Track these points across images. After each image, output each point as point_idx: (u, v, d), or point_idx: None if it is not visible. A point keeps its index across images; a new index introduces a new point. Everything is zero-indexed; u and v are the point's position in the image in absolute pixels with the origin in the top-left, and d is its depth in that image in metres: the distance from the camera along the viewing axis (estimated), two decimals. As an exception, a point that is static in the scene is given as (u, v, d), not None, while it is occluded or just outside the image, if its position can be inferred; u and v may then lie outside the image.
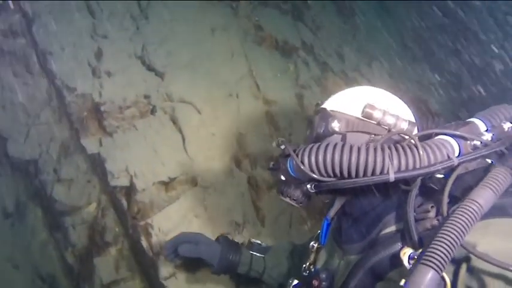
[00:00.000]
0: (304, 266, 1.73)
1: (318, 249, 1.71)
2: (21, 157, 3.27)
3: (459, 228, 1.01)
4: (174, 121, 3.31)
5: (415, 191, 1.21)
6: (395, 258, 1.18)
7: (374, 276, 1.28)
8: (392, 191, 1.34)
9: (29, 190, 3.38)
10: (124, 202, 2.90)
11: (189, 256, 1.97)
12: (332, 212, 1.55)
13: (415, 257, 1.09)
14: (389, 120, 1.32)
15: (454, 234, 1.00)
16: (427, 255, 1.01)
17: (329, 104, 1.49)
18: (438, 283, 0.99)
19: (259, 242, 2.27)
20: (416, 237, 1.14)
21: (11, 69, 3.43)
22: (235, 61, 3.82)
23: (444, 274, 1.01)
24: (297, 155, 1.31)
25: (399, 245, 1.21)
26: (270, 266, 2.13)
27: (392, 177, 1.15)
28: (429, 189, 1.23)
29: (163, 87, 3.38)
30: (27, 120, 3.35)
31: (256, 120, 3.68)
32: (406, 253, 1.12)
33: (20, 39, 3.50)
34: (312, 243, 1.74)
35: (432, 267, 0.98)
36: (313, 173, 1.26)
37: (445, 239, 1.00)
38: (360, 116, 1.38)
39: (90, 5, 3.56)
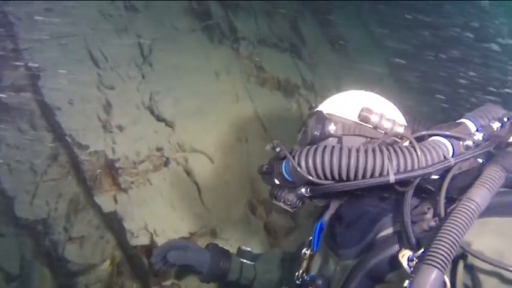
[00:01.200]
0: (296, 274, 1.67)
1: (311, 257, 1.67)
2: (28, 217, 3.13)
3: (459, 227, 1.02)
4: (188, 172, 3.28)
5: (411, 192, 1.21)
6: (394, 261, 1.18)
7: (373, 279, 1.28)
8: (388, 193, 1.33)
9: (36, 250, 3.25)
10: (145, 260, 2.83)
11: (178, 263, 1.89)
12: (327, 216, 1.52)
13: (414, 258, 1.09)
14: (386, 124, 1.33)
15: (455, 233, 1.01)
16: (430, 255, 1.01)
17: (324, 107, 1.48)
18: (442, 282, 1.00)
19: (249, 249, 2.19)
20: (414, 239, 1.15)
21: (16, 125, 3.32)
22: (241, 104, 3.85)
23: None
24: (293, 158, 1.27)
25: (397, 247, 1.20)
26: (260, 273, 2.07)
27: (392, 178, 1.14)
28: (424, 190, 1.24)
29: (174, 137, 3.35)
30: (34, 178, 3.23)
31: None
32: (404, 255, 1.12)
33: (24, 93, 3.41)
34: (304, 250, 1.68)
35: (436, 267, 0.99)
36: (311, 175, 1.22)
37: (447, 238, 1.01)
38: (356, 119, 1.38)
39: (94, 55, 3.51)
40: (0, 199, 3.27)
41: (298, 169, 1.23)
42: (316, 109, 1.50)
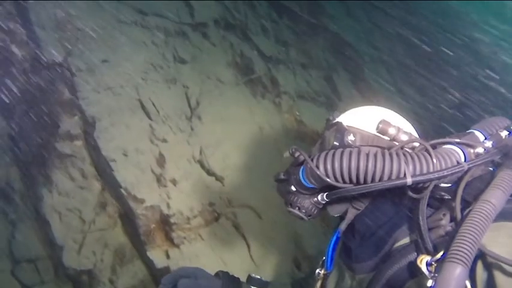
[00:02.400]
0: None
1: (325, 276, 1.62)
2: (75, 267, 3.10)
3: (478, 226, 1.03)
4: (236, 227, 3.28)
5: (426, 198, 1.21)
6: (412, 268, 1.17)
7: None
8: (402, 202, 1.33)
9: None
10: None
11: None
12: (343, 225, 1.46)
13: (433, 263, 1.08)
14: (403, 137, 1.33)
15: (475, 232, 1.02)
16: (452, 253, 1.00)
17: (343, 119, 1.49)
18: (466, 279, 0.98)
19: (259, 276, 2.14)
20: (430, 244, 1.14)
21: (67, 173, 3.35)
22: (284, 160, 3.90)
23: None
24: (312, 161, 1.26)
25: (414, 254, 1.19)
26: None
27: (410, 180, 1.14)
28: (437, 200, 1.24)
29: (224, 192, 3.38)
30: (82, 227, 3.22)
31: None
32: (423, 260, 1.10)
33: (77, 141, 3.46)
34: (317, 270, 1.63)
35: (459, 263, 0.98)
36: (328, 177, 1.21)
37: (468, 236, 1.02)
38: (374, 131, 1.38)
39: (145, 106, 3.59)
40: (48, 247, 3.26)
41: (316, 171, 1.22)
42: (336, 120, 1.51)
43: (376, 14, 5.80)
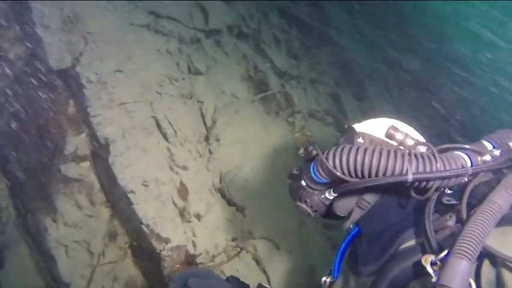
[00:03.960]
0: None
1: (331, 284, 1.65)
2: (82, 308, 2.82)
3: (483, 223, 1.05)
4: (257, 261, 3.13)
5: (433, 200, 1.25)
6: (417, 268, 1.19)
7: None
8: (409, 207, 1.38)
9: None
10: None
11: None
12: (348, 223, 1.51)
13: (438, 262, 1.10)
14: (410, 142, 1.38)
15: (480, 229, 1.04)
16: (457, 248, 1.03)
17: (357, 126, 1.55)
18: (470, 275, 1.01)
19: (268, 286, 2.19)
20: (435, 244, 1.17)
21: (74, 200, 2.98)
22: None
23: None
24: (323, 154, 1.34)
25: (419, 255, 1.21)
26: None
27: (410, 177, 1.19)
28: (444, 206, 1.28)
29: (245, 224, 3.21)
30: (90, 261, 2.91)
31: (322, 248, 3.65)
32: (428, 259, 1.13)
33: (84, 163, 3.08)
34: (324, 278, 1.66)
35: (464, 258, 1.00)
36: (336, 170, 1.28)
37: (473, 233, 1.04)
38: (383, 137, 1.45)
39: (161, 125, 3.27)
40: (50, 281, 2.91)
41: (326, 163, 1.28)
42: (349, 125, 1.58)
43: (378, 29, 5.76)
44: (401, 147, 1.38)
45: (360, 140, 1.43)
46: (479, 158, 1.28)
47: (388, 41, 5.67)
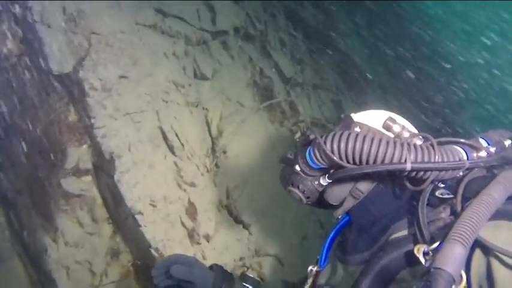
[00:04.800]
0: None
1: (317, 273, 1.64)
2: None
3: (478, 213, 1.05)
4: (262, 278, 3.11)
5: (427, 191, 1.25)
6: (407, 258, 1.20)
7: (384, 279, 1.28)
8: (402, 198, 1.37)
9: None
10: None
11: (182, 278, 1.79)
12: (340, 212, 1.49)
13: (430, 252, 1.09)
14: (406, 135, 1.38)
15: (476, 217, 1.04)
16: (453, 233, 1.03)
17: (354, 116, 1.52)
18: (464, 259, 1.01)
19: (252, 275, 2.09)
20: (428, 234, 1.17)
21: (75, 217, 2.80)
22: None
23: None
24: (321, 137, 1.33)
25: (411, 245, 1.21)
26: None
27: (409, 166, 1.19)
28: (438, 199, 1.28)
29: (252, 242, 3.16)
30: (92, 281, 2.77)
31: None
32: (420, 249, 1.12)
33: (85, 177, 2.88)
34: (310, 267, 1.65)
35: (459, 243, 1.00)
36: (334, 155, 1.26)
37: (469, 219, 1.04)
38: (380, 128, 1.43)
39: (168, 137, 3.11)
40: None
41: (324, 147, 1.26)
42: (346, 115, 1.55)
43: (382, 34, 5.70)
44: (398, 139, 1.35)
45: (357, 129, 1.39)
46: (475, 154, 1.29)
47: (390, 48, 5.63)
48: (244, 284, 1.91)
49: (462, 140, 1.32)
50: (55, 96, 2.99)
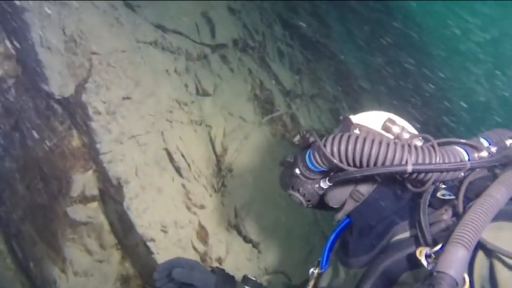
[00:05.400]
0: None
1: (319, 275, 1.63)
2: None
3: (481, 215, 1.04)
4: (270, 295, 3.12)
5: (429, 192, 1.25)
6: (409, 260, 1.20)
7: (386, 282, 1.27)
8: (403, 199, 1.36)
9: None
10: None
11: (183, 281, 1.78)
12: (340, 215, 1.48)
13: (432, 254, 1.09)
14: (406, 136, 1.36)
15: (478, 220, 1.03)
16: (455, 236, 1.02)
17: (353, 117, 1.52)
18: (467, 262, 1.00)
19: (254, 278, 2.05)
20: (430, 236, 1.16)
21: (83, 245, 2.71)
22: (303, 211, 3.76)
23: None
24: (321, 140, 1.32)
25: (413, 247, 1.20)
26: None
27: (410, 168, 1.18)
28: (439, 200, 1.27)
29: (261, 260, 3.15)
30: (101, 312, 2.71)
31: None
32: (422, 251, 1.11)
33: (91, 204, 2.79)
34: (311, 269, 1.65)
35: (462, 246, 0.99)
36: (334, 158, 1.26)
37: (471, 222, 1.03)
38: (380, 129, 1.42)
39: (174, 159, 3.04)
40: None
41: (324, 149, 1.25)
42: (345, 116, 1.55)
43: (375, 41, 5.74)
44: (398, 140, 1.34)
45: (357, 131, 1.38)
46: (476, 154, 1.28)
47: (385, 55, 5.69)
48: (246, 286, 1.88)
49: (463, 141, 1.31)
50: (56, 120, 2.89)
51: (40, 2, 2.78)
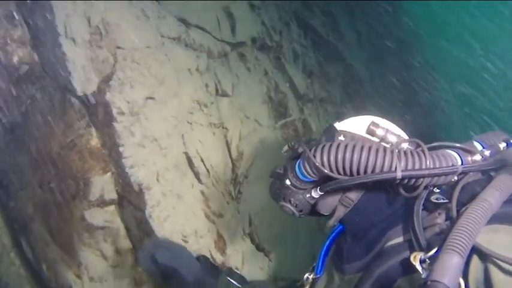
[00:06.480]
0: None
1: (314, 280, 1.62)
2: None
3: (475, 220, 1.03)
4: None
5: (422, 197, 1.24)
6: (404, 266, 1.19)
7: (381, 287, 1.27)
8: (397, 203, 1.36)
9: None
10: None
11: (166, 264, 1.79)
12: (332, 222, 1.47)
13: (427, 259, 1.08)
14: (391, 138, 1.36)
15: (472, 225, 1.02)
16: (449, 243, 1.01)
17: (337, 125, 1.52)
18: (461, 269, 1.00)
19: (239, 272, 2.10)
20: (424, 241, 1.15)
21: (98, 250, 2.61)
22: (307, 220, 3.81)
23: None
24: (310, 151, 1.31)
25: (407, 252, 1.19)
26: None
27: (399, 174, 1.18)
28: (433, 204, 1.26)
29: (271, 268, 3.18)
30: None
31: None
32: (416, 256, 1.11)
33: (108, 207, 2.68)
34: (306, 275, 1.64)
35: (456, 253, 0.99)
36: (324, 167, 1.25)
37: (464, 228, 1.02)
38: (364, 134, 1.42)
39: (194, 163, 2.96)
40: None
41: (313, 160, 1.25)
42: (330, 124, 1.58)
43: (384, 46, 5.74)
44: (384, 144, 1.36)
45: (341, 137, 1.39)
46: (470, 158, 1.28)
47: (394, 59, 5.68)
48: (229, 278, 1.90)
49: (456, 144, 1.30)
50: (73, 115, 2.72)
51: (64, -14, 2.58)
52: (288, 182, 1.39)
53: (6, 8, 2.60)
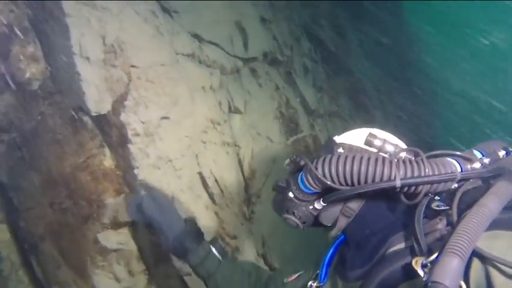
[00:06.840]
0: None
1: None
2: None
3: (475, 224, 1.05)
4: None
5: (423, 204, 1.25)
6: (406, 270, 1.20)
7: None
8: (398, 211, 1.38)
9: None
10: None
11: (150, 215, 1.77)
12: (334, 232, 1.52)
13: (428, 264, 1.09)
14: (389, 148, 1.41)
15: (472, 229, 1.04)
16: (449, 246, 1.02)
17: (336, 138, 1.57)
18: (462, 271, 1.00)
19: (223, 245, 2.04)
20: (425, 246, 1.17)
21: (111, 273, 2.55)
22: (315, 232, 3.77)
23: None
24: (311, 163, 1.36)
25: (409, 257, 1.20)
26: (222, 274, 1.90)
27: (399, 183, 1.21)
28: (433, 211, 1.28)
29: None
30: None
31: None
32: (418, 261, 1.12)
33: (122, 229, 2.61)
34: (310, 282, 1.65)
35: (457, 255, 1.00)
36: (326, 179, 1.30)
37: (466, 231, 1.04)
38: (362, 145, 1.45)
39: (208, 184, 2.91)
40: None
41: (315, 172, 1.30)
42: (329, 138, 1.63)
43: (394, 60, 5.73)
44: (383, 154, 1.40)
45: (340, 150, 1.44)
46: (469, 165, 1.31)
47: (402, 72, 5.68)
48: (211, 247, 1.92)
49: (456, 152, 1.33)
50: (85, 134, 2.66)
51: (80, 4, 2.52)
52: (291, 194, 1.44)
53: (20, 24, 2.55)
